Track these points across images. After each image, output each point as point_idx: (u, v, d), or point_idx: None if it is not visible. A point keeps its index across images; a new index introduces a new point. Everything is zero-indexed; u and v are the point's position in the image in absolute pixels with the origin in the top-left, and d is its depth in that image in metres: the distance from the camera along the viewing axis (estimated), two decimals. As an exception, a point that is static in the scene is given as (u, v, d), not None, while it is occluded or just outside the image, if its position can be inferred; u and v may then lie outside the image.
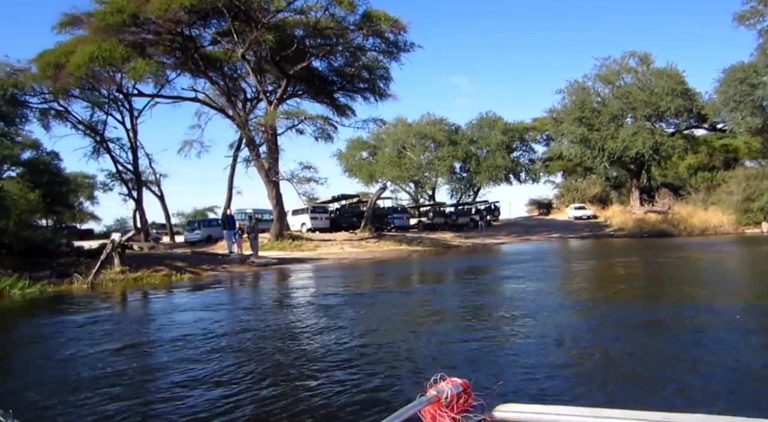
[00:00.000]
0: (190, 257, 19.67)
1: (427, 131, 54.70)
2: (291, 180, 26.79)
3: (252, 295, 12.51)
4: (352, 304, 9.10)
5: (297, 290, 12.64)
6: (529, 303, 8.46)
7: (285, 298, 10.81)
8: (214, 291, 13.43)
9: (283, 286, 13.66)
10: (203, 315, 9.06)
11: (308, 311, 9.02)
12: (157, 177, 37.12)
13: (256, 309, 9.61)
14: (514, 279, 11.48)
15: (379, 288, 11.53)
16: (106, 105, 32.85)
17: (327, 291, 11.69)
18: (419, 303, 9.11)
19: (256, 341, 6.82)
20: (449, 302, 8.69)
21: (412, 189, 58.63)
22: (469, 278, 12.69)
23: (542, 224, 42.36)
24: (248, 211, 36.29)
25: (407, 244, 29.22)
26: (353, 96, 34.45)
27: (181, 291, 13.86)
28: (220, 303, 10.72)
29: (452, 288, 10.46)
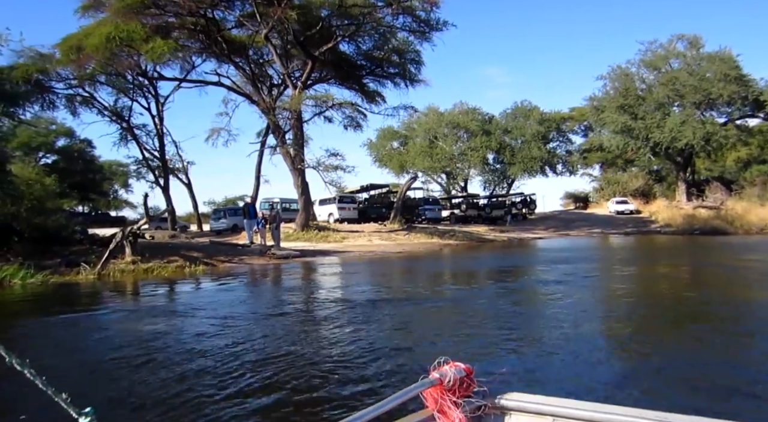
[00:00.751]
0: (208, 247, 18.44)
1: (459, 120, 52.82)
2: (317, 168, 25.39)
3: (262, 296, 11.04)
4: (368, 316, 7.47)
5: (312, 291, 11.12)
6: (567, 328, 6.04)
7: (296, 302, 9.31)
8: (225, 287, 12.05)
9: (297, 285, 12.18)
10: (202, 324, 7.60)
11: (320, 324, 7.50)
12: (184, 164, 36.18)
13: (261, 319, 8.08)
14: (554, 287, 9.66)
15: (404, 292, 9.89)
16: (131, 90, 31.98)
17: (345, 293, 10.06)
18: (447, 319, 7.31)
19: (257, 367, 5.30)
20: (479, 319, 6.93)
21: (444, 180, 56.86)
22: (504, 282, 11.01)
23: (581, 218, 40.16)
24: (275, 200, 35.12)
25: (439, 237, 27.58)
26: (383, 81, 32.85)
27: (190, 286, 12.54)
28: (226, 304, 9.30)
29: (484, 297, 8.75)
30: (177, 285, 12.66)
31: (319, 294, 9.90)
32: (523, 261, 15.91)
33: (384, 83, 33.00)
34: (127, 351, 5.68)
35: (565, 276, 10.98)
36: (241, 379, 4.36)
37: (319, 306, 8.46)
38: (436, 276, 12.79)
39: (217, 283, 12.62)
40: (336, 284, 11.38)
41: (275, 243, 19.75)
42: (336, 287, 10.96)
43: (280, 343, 5.66)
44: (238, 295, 10.24)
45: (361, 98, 32.61)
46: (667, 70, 40.25)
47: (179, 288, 12.32)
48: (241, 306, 8.61)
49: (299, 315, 7.82)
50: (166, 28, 25.85)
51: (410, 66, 31.67)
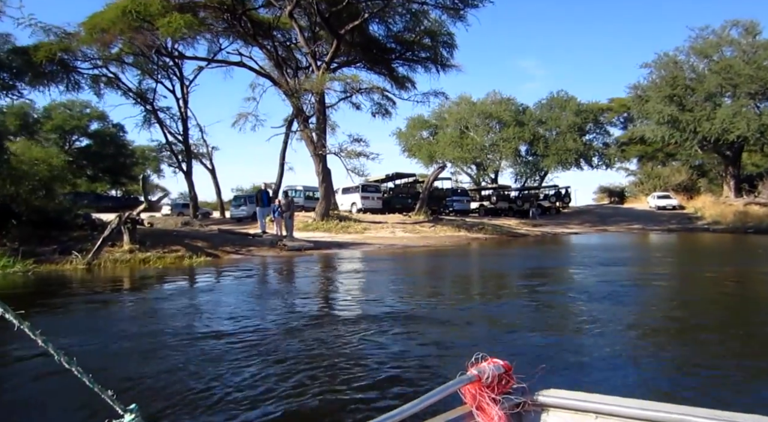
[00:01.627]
0: (215, 236, 16.82)
1: (492, 110, 50.46)
2: (339, 154, 23.54)
3: (258, 299, 9.25)
4: (381, 345, 5.62)
5: (308, 297, 9.26)
6: (620, 366, 4.33)
7: (292, 311, 7.49)
8: (223, 284, 10.34)
9: (295, 287, 10.34)
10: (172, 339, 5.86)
11: (320, 344, 5.68)
12: (208, 149, 34.76)
13: (246, 333, 6.27)
14: (598, 300, 7.65)
15: (424, 300, 7.98)
16: (155, 72, 30.63)
17: (351, 303, 8.14)
18: (472, 342, 5.40)
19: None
20: (506, 344, 4.96)
21: (474, 171, 54.57)
22: (537, 289, 9.01)
23: (619, 213, 37.45)
24: (298, 187, 33.53)
25: (467, 231, 25.52)
26: (413, 66, 30.78)
27: (182, 281, 10.85)
28: (215, 309, 7.54)
29: (515, 310, 6.79)
30: (156, 286, 10.98)
31: (313, 303, 8.00)
32: (562, 261, 13.75)
33: (414, 68, 30.96)
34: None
35: (620, 286, 8.86)
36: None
37: (301, 321, 6.53)
38: (463, 280, 10.79)
39: (207, 279, 10.92)
40: (344, 288, 9.50)
41: (288, 233, 18.05)
42: (341, 293, 9.08)
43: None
44: (213, 300, 8.40)
45: (390, 84, 30.72)
46: (720, 58, 37.11)
47: (159, 289, 10.63)
48: (196, 320, 6.74)
49: (306, 331, 5.94)
50: (191, 6, 24.40)
51: (442, 49, 29.58)
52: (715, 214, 32.16)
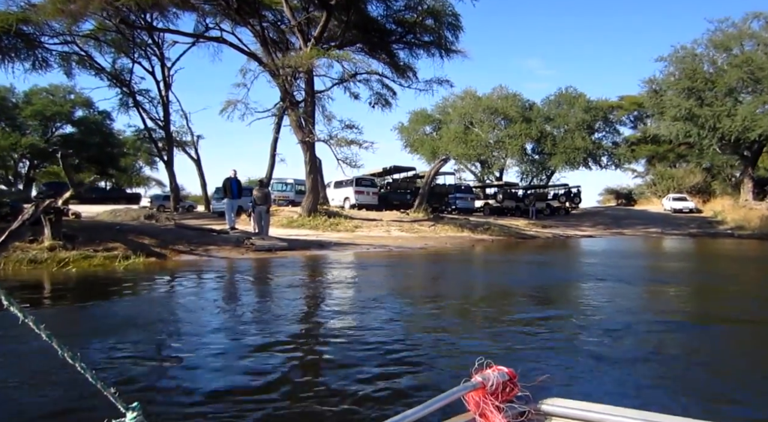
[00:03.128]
0: (171, 232, 13.64)
1: (498, 106, 47.36)
2: (328, 141, 20.38)
3: (173, 325, 6.11)
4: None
5: (278, 315, 6.12)
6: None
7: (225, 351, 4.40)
8: (128, 304, 7.21)
9: (246, 302, 7.22)
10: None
11: None
12: (193, 138, 31.52)
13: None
14: (632, 332, 4.68)
15: (411, 336, 4.94)
16: (131, 50, 27.40)
17: (308, 333, 5.15)
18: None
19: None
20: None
21: (478, 169, 51.35)
22: (554, 310, 6.03)
23: (632, 215, 34.20)
24: (288, 180, 30.34)
25: (470, 231, 22.34)
26: (415, 51, 27.52)
27: (68, 305, 7.71)
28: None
29: (527, 346, 3.88)
30: (68, 303, 7.82)
31: (274, 333, 4.87)
32: (581, 273, 10.47)
33: (416, 54, 27.67)
34: None
35: (667, 321, 5.70)
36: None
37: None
38: (463, 299, 7.61)
39: (102, 295, 7.75)
40: (297, 311, 6.36)
41: (260, 230, 14.87)
42: (290, 322, 5.92)
43: None
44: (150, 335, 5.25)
45: (390, 71, 27.52)
46: (740, 52, 33.88)
47: (70, 309, 7.47)
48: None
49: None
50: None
51: (447, 32, 26.38)
52: (737, 219, 28.95)
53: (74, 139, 45.68)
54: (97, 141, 45.78)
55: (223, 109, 25.95)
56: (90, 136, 45.61)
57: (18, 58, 25.55)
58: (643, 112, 48.34)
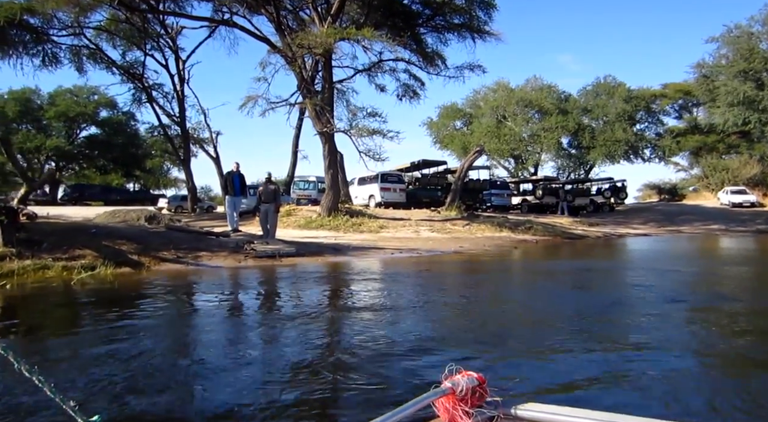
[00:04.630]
0: (160, 235, 11.34)
1: (532, 98, 44.33)
2: (348, 131, 17.91)
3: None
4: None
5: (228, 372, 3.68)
6: None
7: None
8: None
9: (210, 345, 4.77)
10: None
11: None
12: (211, 134, 29.46)
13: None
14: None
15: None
16: (144, 42, 25.44)
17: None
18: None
19: None
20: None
21: (512, 165, 48.30)
22: (657, 349, 3.47)
23: (686, 211, 30.69)
24: (311, 178, 28.01)
25: (510, 231, 19.56)
26: (444, 36, 24.77)
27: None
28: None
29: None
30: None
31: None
32: (662, 290, 7.66)
33: (445, 39, 24.99)
34: None
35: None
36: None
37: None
38: (519, 333, 5.01)
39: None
40: (285, 357, 3.89)
41: (267, 233, 12.44)
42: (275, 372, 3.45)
43: None
44: None
45: (417, 58, 24.88)
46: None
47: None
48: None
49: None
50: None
51: (479, 11, 23.60)
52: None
53: (99, 140, 44.35)
54: (121, 142, 44.38)
55: (243, 104, 23.60)
56: (114, 137, 44.23)
57: (26, 52, 23.87)
58: (689, 100, 44.62)
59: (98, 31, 25.24)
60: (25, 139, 39.55)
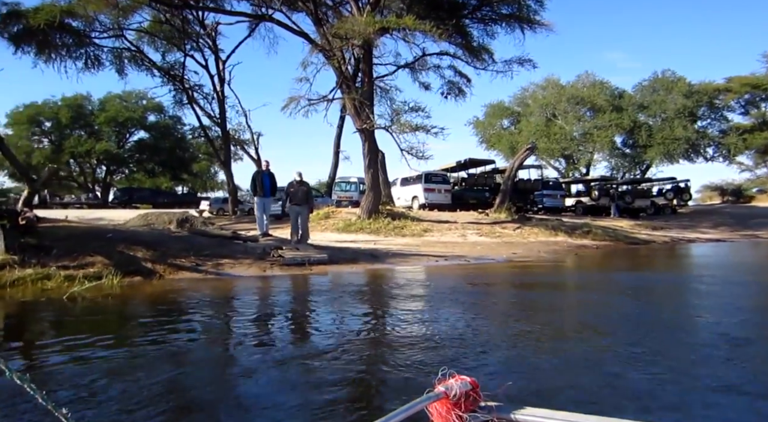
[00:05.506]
0: (181, 240, 10.28)
1: (584, 95, 41.86)
2: (390, 128, 16.58)
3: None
4: None
5: None
6: None
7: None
8: None
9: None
10: None
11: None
12: (253, 136, 28.68)
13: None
14: None
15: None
16: (183, 42, 24.83)
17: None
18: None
19: None
20: None
21: (563, 165, 45.92)
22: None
23: (757, 214, 27.80)
24: (352, 179, 26.82)
25: (566, 235, 17.75)
26: (491, 29, 23.05)
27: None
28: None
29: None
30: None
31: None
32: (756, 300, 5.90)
33: (493, 32, 23.28)
34: None
35: None
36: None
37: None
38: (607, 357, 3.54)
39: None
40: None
41: (299, 237, 11.19)
42: None
43: None
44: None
45: (463, 52, 23.28)
46: None
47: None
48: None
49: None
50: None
51: (530, 0, 21.84)
52: None
53: (147, 143, 44.67)
54: (168, 145, 44.55)
55: (285, 105, 22.59)
56: (161, 141, 44.45)
57: (69, 56, 23.64)
58: (757, 94, 41.13)
59: (140, 35, 24.89)
60: (76, 144, 40.10)
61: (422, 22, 17.28)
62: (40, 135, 41.84)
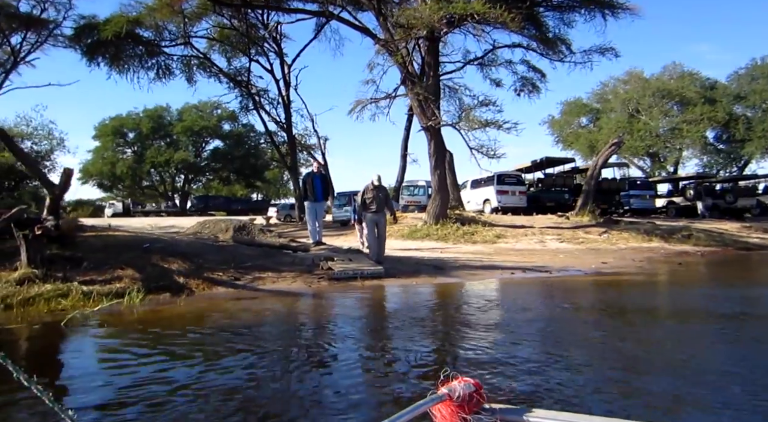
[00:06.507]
0: (223, 251, 9.18)
1: (671, 87, 38.16)
2: (457, 124, 14.94)
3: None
4: None
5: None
6: None
7: None
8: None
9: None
10: None
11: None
12: (319, 141, 27.87)
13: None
14: None
15: None
16: (248, 47, 24.40)
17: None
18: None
19: None
20: None
21: (648, 164, 42.24)
22: None
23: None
24: (420, 183, 25.30)
25: (662, 240, 15.35)
26: (567, 17, 20.76)
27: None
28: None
29: None
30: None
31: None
32: None
33: (570, 21, 20.99)
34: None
35: None
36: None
37: None
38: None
39: None
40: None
41: (375, 251, 9.64)
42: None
43: None
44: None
45: (537, 44, 21.16)
46: None
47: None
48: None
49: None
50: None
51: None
52: None
53: (221, 152, 45.33)
54: (242, 153, 44.97)
55: (352, 109, 21.40)
56: (235, 149, 44.95)
57: (142, 66, 23.77)
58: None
59: (211, 43, 24.75)
60: (156, 154, 41.22)
61: (492, 8, 15.55)
62: (123, 146, 43.43)
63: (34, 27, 21.19)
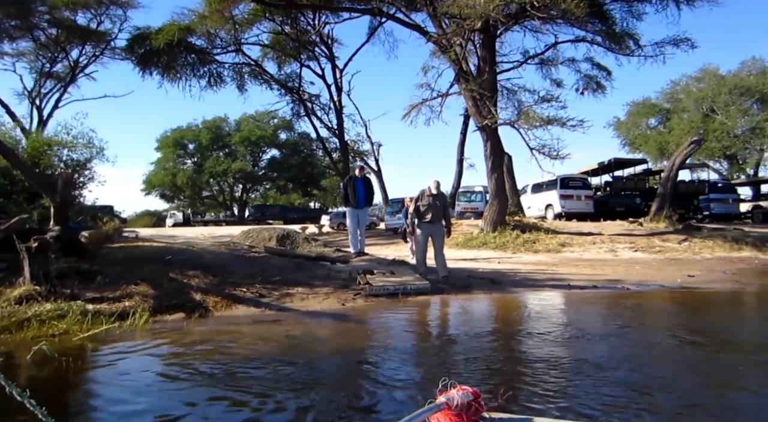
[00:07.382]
0: (252, 263, 8.16)
1: (750, 84, 34.92)
2: (515, 123, 13.46)
3: None
4: None
5: None
6: None
7: None
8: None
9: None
10: None
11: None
12: (372, 147, 26.92)
13: None
14: None
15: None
16: (299, 52, 23.78)
17: None
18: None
19: None
20: None
21: (725, 167, 38.78)
22: None
23: None
24: (477, 188, 23.78)
25: (754, 248, 13.22)
26: (635, 8, 18.71)
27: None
28: None
29: None
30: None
31: None
32: None
33: (639, 13, 18.94)
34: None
35: None
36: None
37: None
38: None
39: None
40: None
41: (420, 261, 8.31)
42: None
43: None
44: None
45: (602, 39, 19.25)
46: None
47: None
48: None
49: None
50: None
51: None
52: None
53: (278, 161, 45.33)
54: (298, 162, 44.77)
55: (406, 114, 20.20)
56: (291, 158, 44.82)
57: (194, 74, 23.61)
58: None
59: (263, 50, 24.36)
60: (214, 164, 41.59)
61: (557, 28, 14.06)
62: (184, 157, 44.17)
63: (92, 39, 21.32)
